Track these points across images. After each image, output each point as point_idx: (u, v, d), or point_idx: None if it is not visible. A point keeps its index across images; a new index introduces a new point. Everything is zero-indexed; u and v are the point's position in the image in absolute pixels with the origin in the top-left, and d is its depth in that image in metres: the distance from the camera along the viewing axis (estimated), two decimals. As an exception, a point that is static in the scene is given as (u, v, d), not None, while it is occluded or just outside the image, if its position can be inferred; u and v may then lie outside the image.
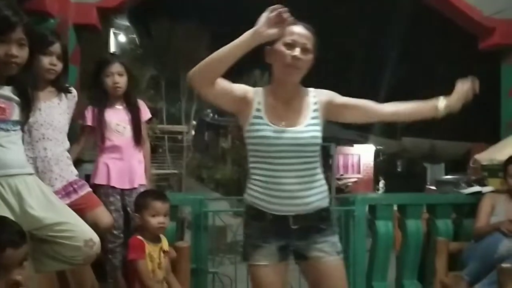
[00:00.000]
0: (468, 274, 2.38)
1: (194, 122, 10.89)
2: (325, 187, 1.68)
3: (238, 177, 10.47)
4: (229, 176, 10.62)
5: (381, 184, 15.42)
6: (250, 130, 1.62)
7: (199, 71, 1.57)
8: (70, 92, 2.17)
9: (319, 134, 1.62)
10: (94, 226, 1.97)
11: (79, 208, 1.98)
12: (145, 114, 2.53)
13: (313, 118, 1.62)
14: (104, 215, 2.16)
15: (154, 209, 2.12)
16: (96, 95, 2.43)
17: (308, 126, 1.60)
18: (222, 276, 3.24)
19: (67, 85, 2.17)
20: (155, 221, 2.12)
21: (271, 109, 1.62)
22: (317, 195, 1.62)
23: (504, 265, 2.15)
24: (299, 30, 1.57)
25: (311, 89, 1.69)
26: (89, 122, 2.39)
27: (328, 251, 1.62)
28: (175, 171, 8.94)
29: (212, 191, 10.29)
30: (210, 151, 14.76)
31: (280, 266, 1.63)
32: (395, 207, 2.98)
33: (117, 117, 2.39)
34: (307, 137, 1.59)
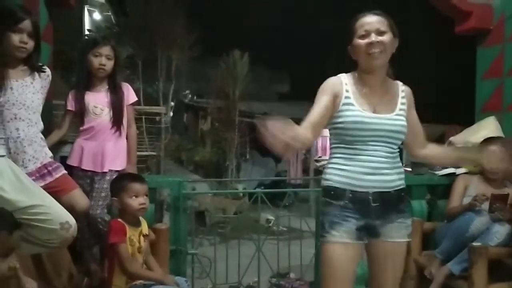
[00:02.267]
0: (441, 252, 2.45)
1: (173, 103, 10.71)
2: (403, 170, 1.75)
3: (217, 160, 10.44)
4: (209, 158, 10.57)
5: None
6: (340, 116, 1.65)
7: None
8: (44, 71, 2.10)
9: (405, 124, 1.69)
10: (70, 208, 1.93)
11: (54, 191, 1.94)
12: (130, 97, 2.49)
13: (402, 109, 1.70)
14: (80, 198, 2.13)
15: (133, 190, 2.09)
16: (79, 76, 2.40)
17: (398, 115, 1.67)
18: (201, 257, 3.26)
19: (40, 63, 2.10)
20: (135, 202, 2.09)
21: (361, 96, 1.67)
22: (398, 174, 1.69)
23: (475, 244, 2.22)
24: (368, 19, 1.64)
25: (397, 81, 1.76)
26: (70, 106, 2.37)
27: (402, 233, 1.69)
28: (154, 153, 8.83)
29: (191, 173, 10.25)
30: (189, 133, 14.63)
31: (355, 246, 1.65)
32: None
33: (96, 100, 2.37)
34: (398, 125, 1.67)
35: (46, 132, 2.20)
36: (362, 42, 1.63)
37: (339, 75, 1.73)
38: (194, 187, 5.40)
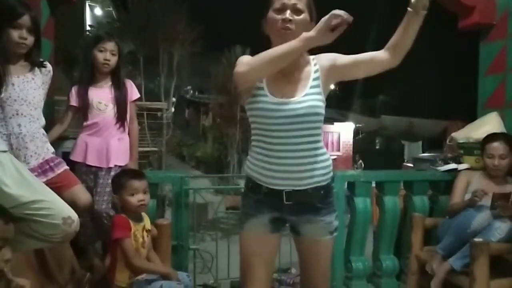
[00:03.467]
0: (442, 248, 2.45)
1: (174, 99, 10.71)
2: (327, 164, 1.60)
3: (219, 155, 10.46)
4: (210, 154, 10.60)
5: (359, 163, 15.70)
6: (250, 102, 1.58)
7: (249, 72, 1.49)
8: (45, 67, 2.10)
9: (320, 103, 1.55)
10: (72, 204, 1.95)
11: (56, 187, 1.95)
12: (133, 94, 2.50)
13: (313, 87, 1.56)
14: (82, 194, 2.13)
15: (132, 187, 2.10)
16: (83, 72, 2.42)
17: (306, 96, 1.53)
18: (203, 253, 3.27)
19: (41, 59, 2.10)
20: (134, 199, 2.09)
21: (272, 81, 1.56)
22: (315, 171, 1.55)
23: (476, 239, 2.22)
24: None
25: (312, 57, 1.62)
26: (73, 102, 2.37)
27: (320, 232, 1.62)
28: (155, 149, 8.84)
29: (193, 169, 10.28)
30: (191, 129, 14.65)
31: (270, 237, 1.63)
32: (373, 184, 3.04)
33: (99, 95, 2.37)
34: (305, 107, 1.51)
35: (47, 128, 2.20)
36: (276, 16, 1.51)
37: None
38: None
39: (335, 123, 16.71)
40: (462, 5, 3.10)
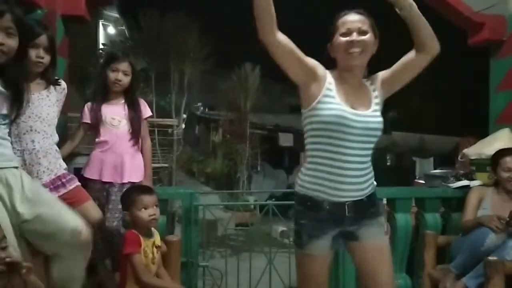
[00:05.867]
0: (456, 267, 2.41)
1: (185, 116, 10.80)
2: (373, 172, 1.70)
3: (228, 171, 10.45)
4: (220, 170, 10.60)
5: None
6: (319, 108, 1.60)
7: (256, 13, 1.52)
8: (59, 85, 2.14)
9: (382, 120, 1.65)
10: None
11: (67, 203, 1.97)
12: (146, 111, 2.53)
13: (376, 104, 1.65)
14: (93, 210, 2.15)
15: (142, 202, 2.10)
16: (96, 89, 2.46)
17: (374, 112, 1.63)
18: (212, 270, 3.24)
19: (56, 77, 2.14)
20: (145, 214, 2.10)
21: (342, 91, 1.62)
22: (369, 180, 1.66)
23: (490, 258, 2.18)
24: (351, 17, 1.61)
25: (367, 79, 1.72)
26: (85, 119, 2.40)
27: (377, 232, 1.68)
28: (165, 165, 8.88)
29: (203, 185, 10.28)
30: (201, 145, 14.71)
31: (328, 255, 1.69)
32: (384, 201, 3.01)
33: (113, 111, 2.40)
34: (376, 121, 1.62)
35: (60, 144, 2.23)
36: (343, 40, 1.60)
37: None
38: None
39: (345, 140, 16.62)
40: (472, 22, 3.11)
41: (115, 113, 2.40)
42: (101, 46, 10.45)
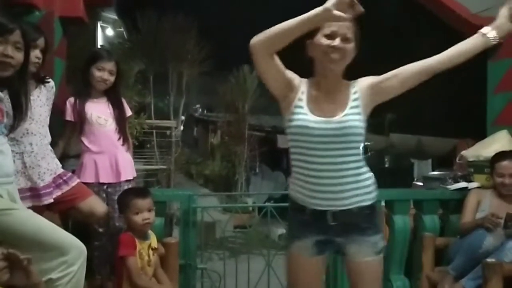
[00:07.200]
0: (454, 269, 2.41)
1: (183, 117, 10.80)
2: (370, 183, 1.62)
3: (227, 173, 10.44)
4: (218, 172, 10.58)
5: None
6: (290, 119, 1.59)
7: (264, 39, 1.49)
8: (48, 83, 2.14)
9: (360, 123, 1.57)
10: (90, 214, 2.06)
11: (71, 199, 2.01)
12: (128, 110, 2.53)
13: (353, 107, 1.58)
14: (98, 204, 2.17)
15: (136, 207, 2.11)
16: (80, 86, 2.42)
17: (347, 116, 1.56)
18: (210, 272, 3.24)
19: (45, 75, 2.14)
20: (139, 218, 2.10)
21: (313, 100, 1.59)
22: (358, 190, 1.57)
23: (488, 260, 2.18)
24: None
25: (351, 81, 1.66)
26: (68, 117, 2.36)
27: (366, 252, 1.61)
28: (164, 167, 8.87)
29: (201, 187, 10.27)
30: (199, 147, 14.70)
31: (314, 260, 1.64)
32: (383, 203, 3.01)
33: (98, 110, 2.37)
34: (346, 126, 1.54)
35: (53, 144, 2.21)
36: (325, 42, 1.53)
37: (302, 78, 1.66)
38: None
39: (343, 141, 16.65)
40: (469, 24, 3.11)
41: (100, 112, 2.37)
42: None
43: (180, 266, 2.51)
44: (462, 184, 2.90)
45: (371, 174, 1.65)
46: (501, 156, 2.58)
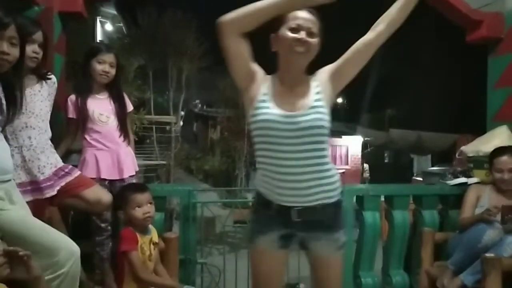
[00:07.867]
0: (453, 263, 2.41)
1: (183, 113, 10.79)
2: (334, 180, 1.60)
3: (227, 168, 10.45)
4: (218, 167, 10.60)
5: (367, 173, 15.65)
6: (254, 114, 1.57)
7: (234, 17, 1.50)
8: (50, 78, 2.13)
9: (324, 116, 1.54)
10: (97, 202, 2.07)
11: (76, 187, 2.01)
12: (129, 105, 2.52)
13: (316, 100, 1.56)
14: (102, 191, 2.17)
15: (135, 201, 2.11)
16: (80, 82, 2.40)
17: (310, 109, 1.54)
18: (210, 267, 3.25)
19: (45, 71, 2.14)
20: (139, 213, 2.10)
21: (277, 95, 1.58)
22: (322, 187, 1.55)
23: (487, 255, 2.19)
24: (303, 14, 1.53)
25: (311, 76, 1.64)
26: (70, 114, 2.35)
27: (328, 248, 1.62)
28: (164, 162, 8.88)
29: (201, 182, 10.29)
30: (199, 142, 14.72)
31: (279, 254, 1.65)
32: (382, 198, 3.01)
33: (99, 107, 2.36)
34: (310, 119, 1.51)
35: (56, 141, 2.21)
36: (290, 35, 1.51)
37: (267, 74, 1.65)
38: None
39: (343, 137, 16.68)
40: (470, 19, 3.11)
41: (102, 109, 2.36)
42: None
43: (180, 260, 2.52)
44: (462, 180, 2.90)
45: (335, 171, 1.64)
46: (500, 151, 2.59)
